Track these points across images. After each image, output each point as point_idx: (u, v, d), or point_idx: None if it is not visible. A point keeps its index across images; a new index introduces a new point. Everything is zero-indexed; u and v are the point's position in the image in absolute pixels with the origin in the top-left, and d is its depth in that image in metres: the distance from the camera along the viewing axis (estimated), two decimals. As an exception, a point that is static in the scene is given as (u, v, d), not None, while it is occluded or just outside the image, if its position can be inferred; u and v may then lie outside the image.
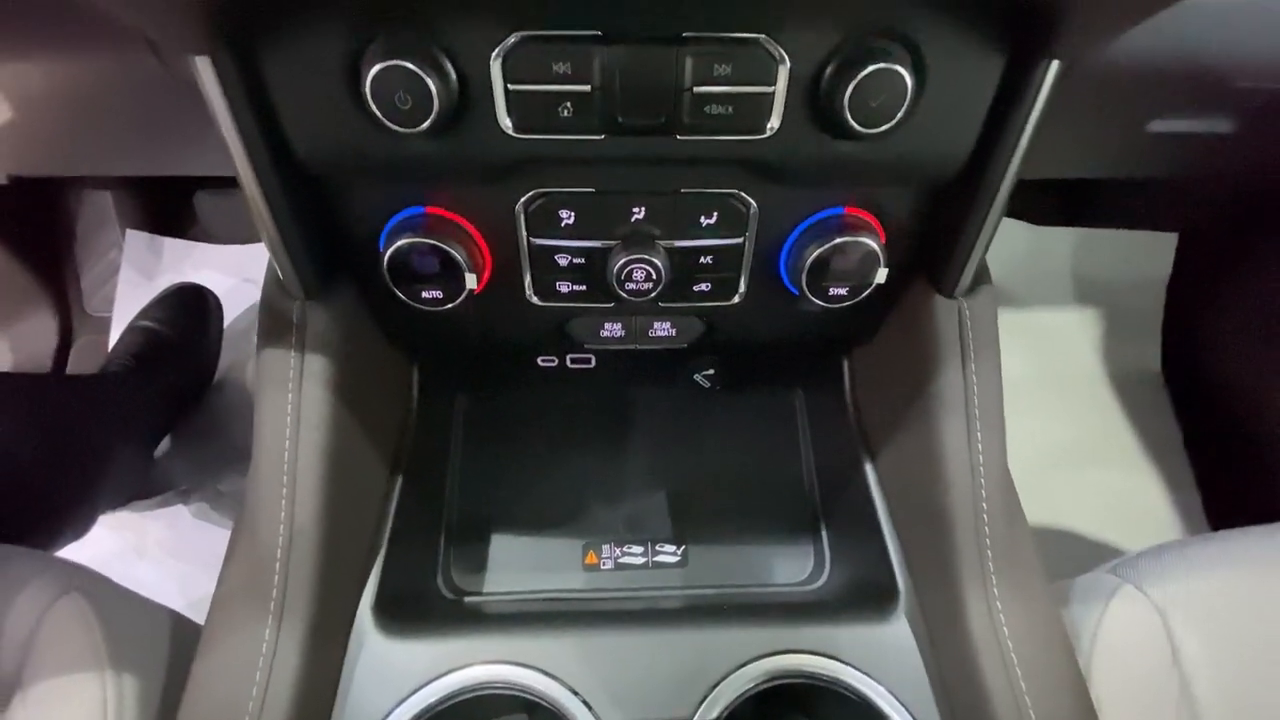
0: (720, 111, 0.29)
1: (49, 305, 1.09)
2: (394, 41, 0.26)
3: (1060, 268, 1.21)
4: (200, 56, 0.26)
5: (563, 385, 0.50)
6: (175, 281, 1.08)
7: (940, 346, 0.37)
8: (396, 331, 0.43)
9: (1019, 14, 0.26)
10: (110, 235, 1.12)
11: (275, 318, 0.36)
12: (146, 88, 0.49)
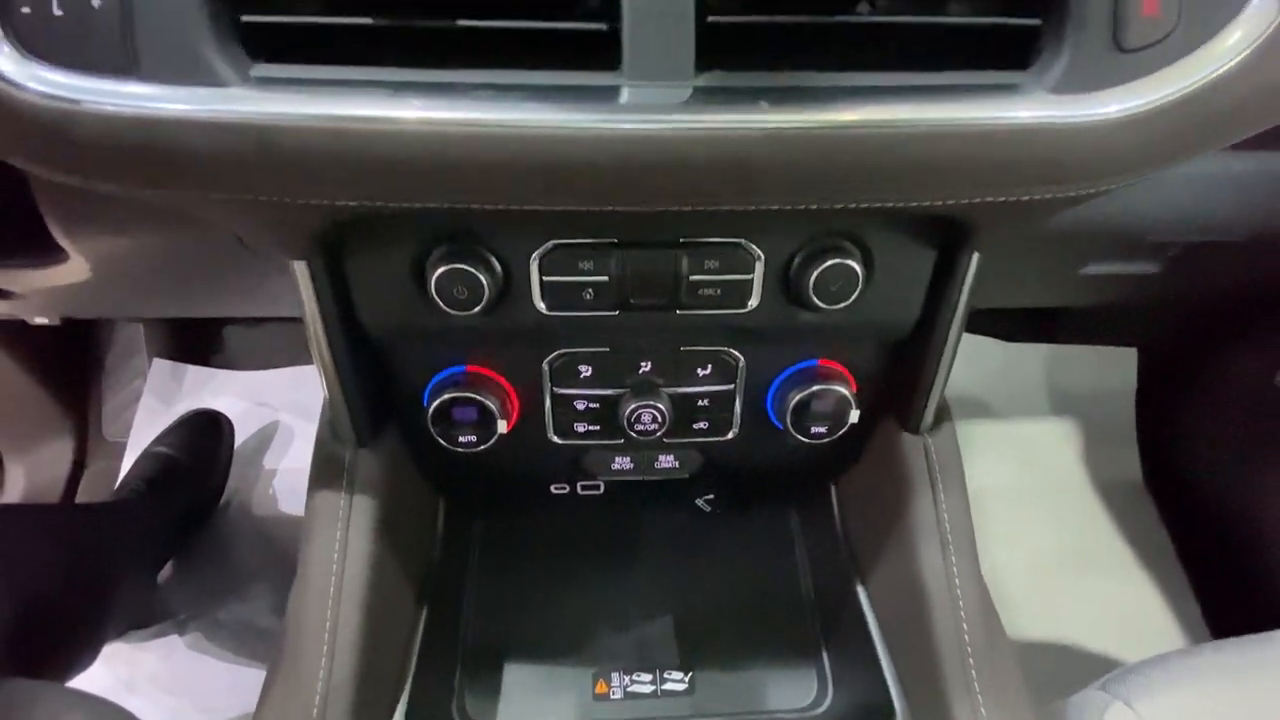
0: (710, 294, 0.36)
1: (68, 431, 1.13)
2: (454, 248, 0.34)
3: (1033, 381, 1.29)
4: (298, 262, 0.33)
5: (573, 511, 0.55)
6: (193, 407, 1.13)
7: (912, 478, 0.42)
8: (429, 469, 0.48)
9: (941, 223, 0.34)
10: (137, 364, 1.19)
11: (328, 462, 0.41)
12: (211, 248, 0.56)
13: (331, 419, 0.40)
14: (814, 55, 0.28)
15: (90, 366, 1.19)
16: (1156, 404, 1.20)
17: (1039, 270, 0.66)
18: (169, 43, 0.25)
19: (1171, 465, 1.17)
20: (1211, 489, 1.09)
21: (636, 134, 0.26)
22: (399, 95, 0.26)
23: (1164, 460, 1.18)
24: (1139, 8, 0.27)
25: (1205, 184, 0.55)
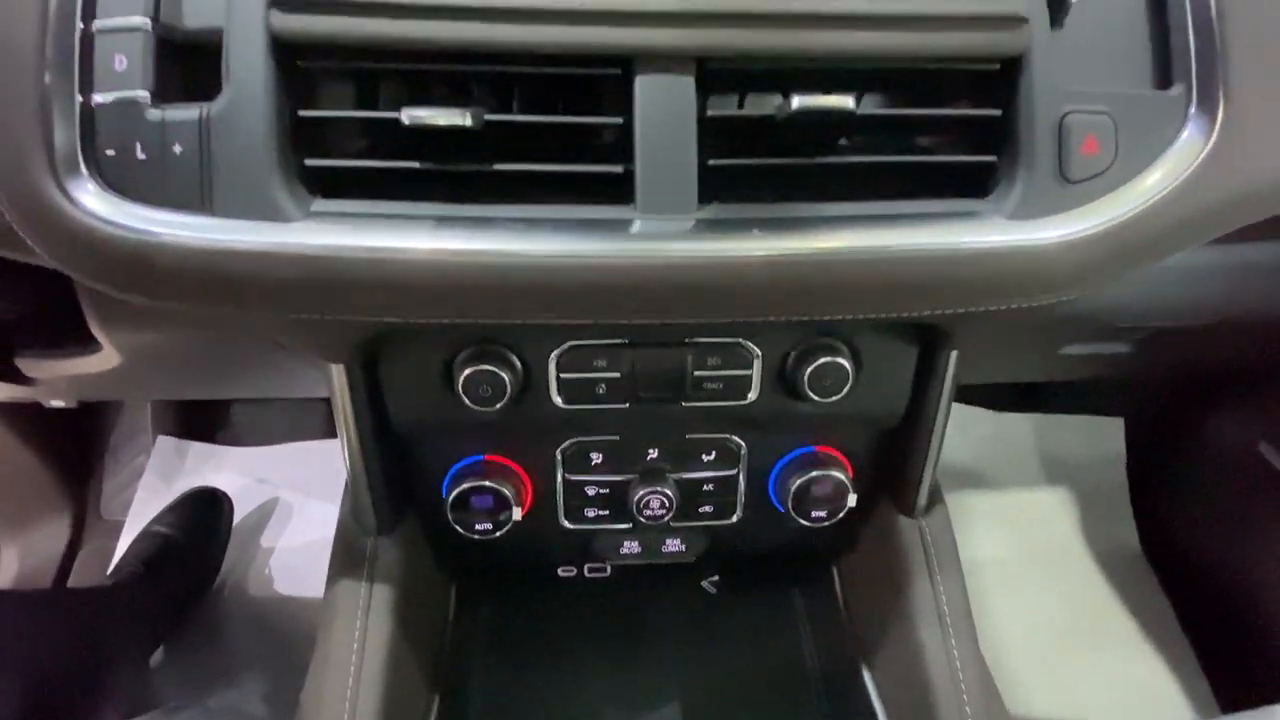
0: (713, 387, 0.39)
1: (66, 511, 1.13)
2: (481, 350, 0.37)
3: (1025, 450, 1.31)
4: (336, 365, 0.36)
5: (580, 594, 0.55)
6: (193, 485, 1.13)
7: (909, 561, 0.44)
8: (443, 555, 0.49)
9: (921, 326, 0.38)
10: (140, 442, 1.20)
11: (350, 549, 0.42)
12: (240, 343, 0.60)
13: (354, 508, 0.42)
14: (800, 187, 0.32)
15: (94, 444, 1.20)
16: (1147, 473, 1.22)
17: (1020, 350, 0.70)
18: (241, 183, 0.29)
19: (1168, 534, 1.18)
20: (1209, 559, 1.10)
21: (649, 261, 0.30)
22: (441, 228, 0.29)
23: (1160, 529, 1.19)
24: (1080, 146, 0.32)
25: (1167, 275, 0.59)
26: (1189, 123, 0.33)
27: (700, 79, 0.30)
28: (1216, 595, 1.07)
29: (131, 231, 0.29)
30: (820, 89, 0.32)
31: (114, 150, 0.29)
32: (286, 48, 0.29)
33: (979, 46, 0.31)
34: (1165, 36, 0.35)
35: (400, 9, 0.28)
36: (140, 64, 0.29)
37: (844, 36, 0.30)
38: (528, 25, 0.28)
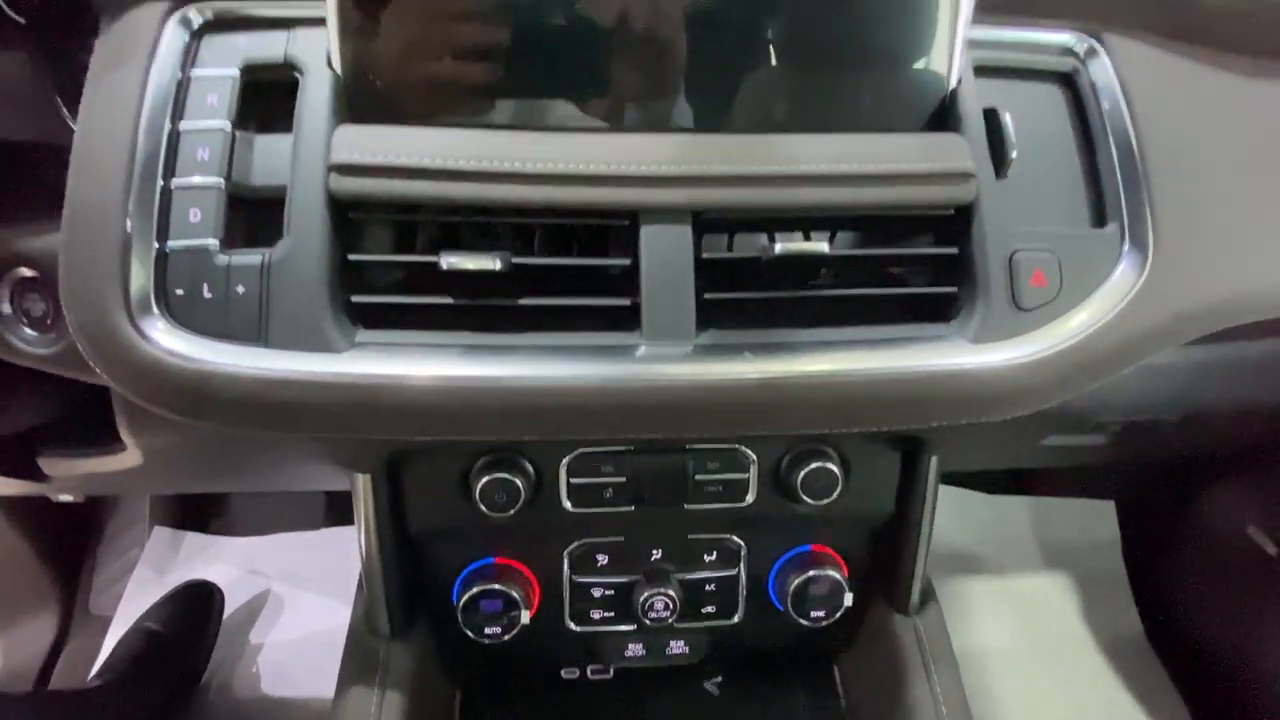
0: (713, 490, 0.42)
1: (54, 606, 1.11)
2: (497, 458, 0.40)
3: (1021, 534, 1.32)
4: (362, 475, 0.39)
5: (584, 696, 0.56)
6: (187, 577, 1.12)
7: (905, 659, 0.45)
8: (451, 662, 0.50)
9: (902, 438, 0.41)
10: (136, 533, 1.19)
11: (362, 653, 0.43)
12: None
13: (368, 612, 0.43)
14: (787, 314, 0.36)
15: (89, 534, 1.19)
16: (1143, 557, 1.23)
17: (1003, 442, 0.73)
18: (295, 319, 0.33)
19: (1170, 620, 1.17)
20: (1211, 644, 1.09)
21: (654, 384, 0.33)
22: (470, 356, 0.33)
23: (1161, 614, 1.18)
24: (1029, 279, 0.37)
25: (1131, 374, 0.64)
26: (1123, 257, 0.38)
27: (695, 226, 0.35)
28: (1221, 681, 1.06)
29: (194, 362, 0.32)
30: (800, 230, 0.37)
31: (183, 290, 0.33)
32: (341, 203, 0.34)
33: (933, 198, 0.36)
34: (1097, 182, 0.40)
35: (440, 173, 0.33)
36: (212, 216, 0.34)
37: (815, 192, 0.35)
38: (552, 187, 0.33)
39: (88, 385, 0.54)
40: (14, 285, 0.40)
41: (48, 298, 0.39)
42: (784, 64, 0.36)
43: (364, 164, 0.33)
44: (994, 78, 0.40)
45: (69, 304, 0.33)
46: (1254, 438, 0.96)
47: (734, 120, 0.36)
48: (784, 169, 0.34)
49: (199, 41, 0.37)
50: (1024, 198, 0.38)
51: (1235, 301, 0.41)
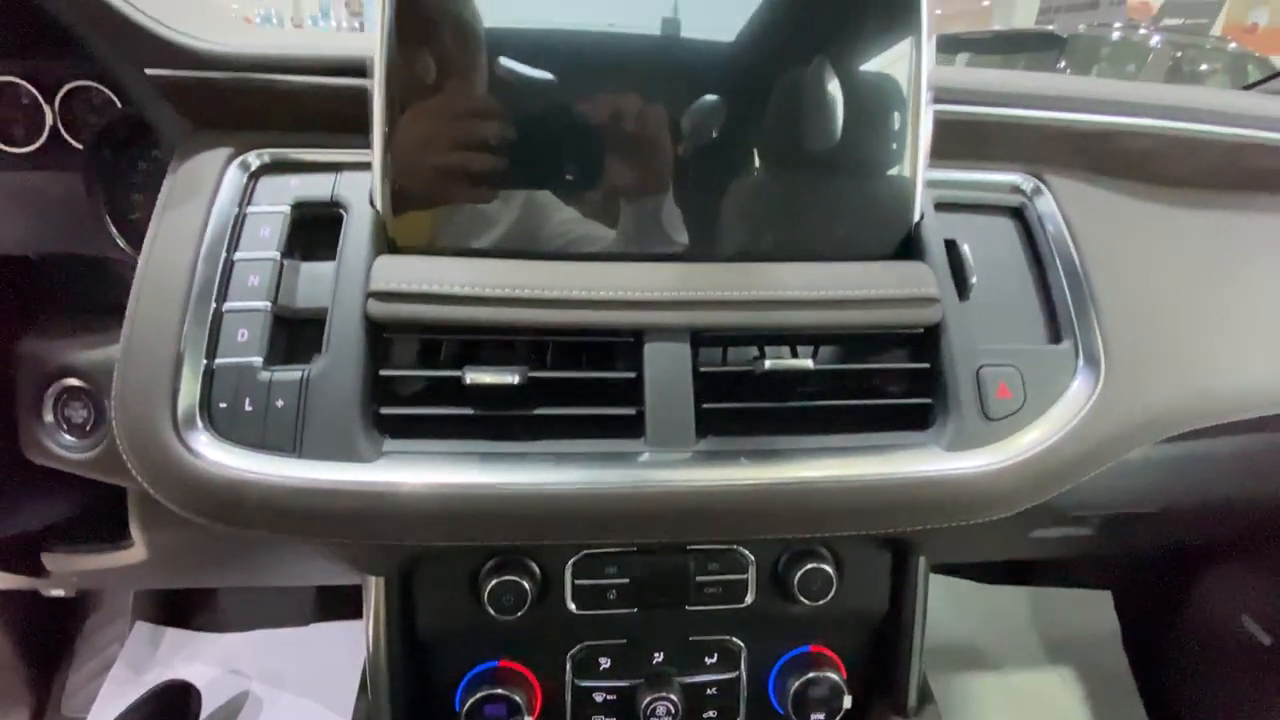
0: (714, 591, 0.44)
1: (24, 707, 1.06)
2: (504, 560, 0.41)
3: (1021, 626, 1.30)
4: (376, 578, 0.40)
5: None
6: (164, 677, 1.08)
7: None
8: None
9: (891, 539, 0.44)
10: (117, 629, 1.15)
11: None
12: None
13: (370, 714, 0.44)
14: (778, 421, 0.40)
15: (68, 630, 1.15)
16: (1142, 648, 1.21)
17: (992, 537, 0.75)
18: (328, 430, 0.36)
19: (1174, 713, 1.14)
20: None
21: (657, 489, 0.36)
22: (489, 464, 0.36)
23: (1166, 707, 1.16)
24: (995, 392, 0.40)
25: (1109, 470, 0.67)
26: (1079, 371, 0.42)
27: (693, 342, 0.39)
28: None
29: (233, 472, 0.35)
30: (788, 345, 0.41)
31: (226, 404, 0.36)
32: (376, 325, 0.37)
33: (904, 319, 0.40)
34: (1050, 302, 0.45)
35: (468, 299, 0.37)
36: (259, 336, 0.37)
37: (799, 315, 0.39)
38: (567, 310, 0.37)
39: (105, 485, 0.56)
40: (58, 394, 0.42)
41: (89, 406, 0.42)
42: (770, 200, 0.41)
43: (400, 291, 0.37)
44: (953, 212, 0.46)
45: (119, 415, 0.36)
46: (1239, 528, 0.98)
47: (726, 249, 0.41)
48: (771, 294, 0.39)
49: (255, 181, 0.42)
50: (986, 317, 0.43)
51: (1182, 409, 0.45)
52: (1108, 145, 0.50)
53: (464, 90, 0.37)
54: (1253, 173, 0.55)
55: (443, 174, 0.39)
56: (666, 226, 0.40)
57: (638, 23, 0.37)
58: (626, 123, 0.38)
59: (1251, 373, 0.48)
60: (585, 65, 0.37)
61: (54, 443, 0.42)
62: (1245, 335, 0.49)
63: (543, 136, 0.38)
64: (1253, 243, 0.54)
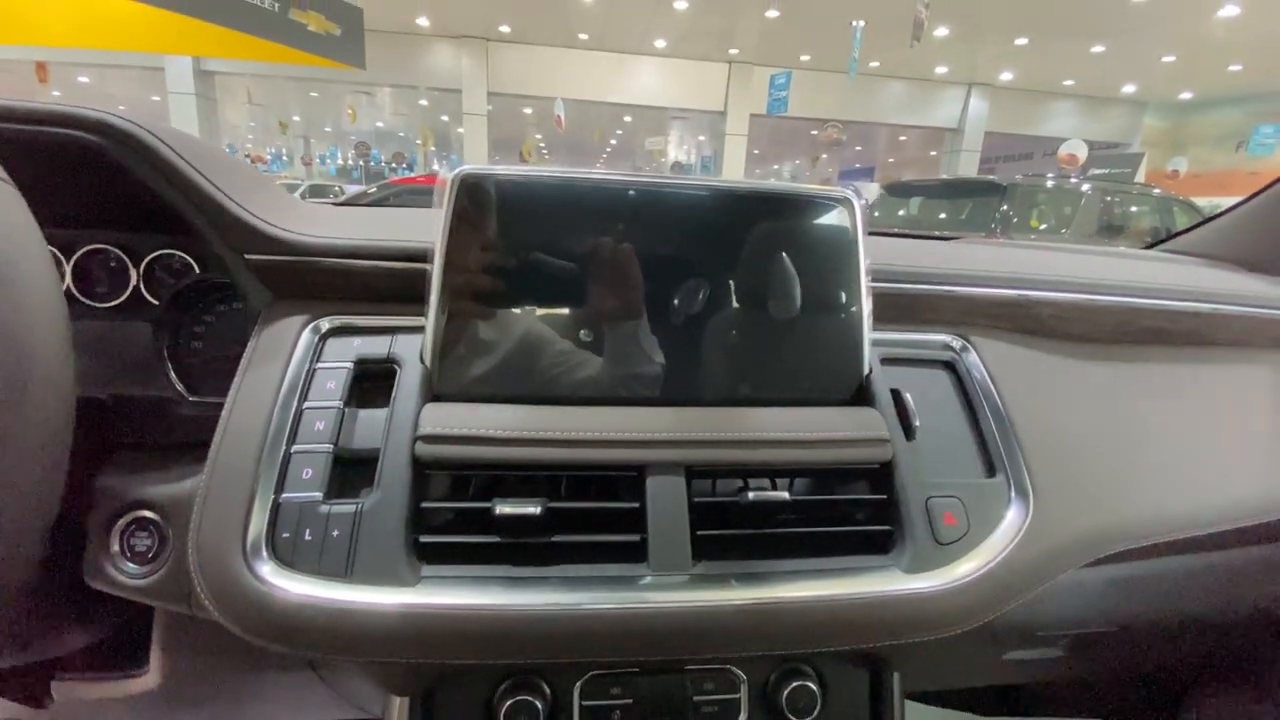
0: (710, 710, 0.48)
1: None
2: (518, 681, 0.46)
3: (1020, 762, 1.27)
4: (401, 698, 0.44)
5: None
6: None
7: None
8: None
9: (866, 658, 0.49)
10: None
11: None
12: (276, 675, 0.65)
13: None
14: (763, 545, 0.46)
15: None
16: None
17: (969, 660, 0.79)
18: (376, 558, 0.42)
19: None
20: None
21: (660, 610, 0.42)
22: (513, 587, 0.42)
23: None
24: (943, 520, 0.48)
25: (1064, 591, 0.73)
26: (1012, 502, 0.50)
27: (687, 476, 0.46)
28: None
29: (293, 596, 0.40)
30: (769, 479, 0.48)
31: (289, 534, 0.42)
32: (422, 464, 0.45)
33: (861, 457, 0.48)
34: (984, 442, 0.54)
35: (500, 441, 0.44)
36: (320, 474, 0.44)
37: (774, 452, 0.47)
38: (581, 449, 0.45)
39: (131, 614, 0.60)
40: (126, 525, 0.48)
41: (154, 536, 0.47)
42: (748, 358, 0.50)
43: (444, 434, 0.44)
44: (897, 365, 0.56)
45: (196, 543, 0.42)
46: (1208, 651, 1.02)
47: (713, 395, 0.49)
48: (752, 435, 0.47)
49: (324, 342, 0.50)
50: (931, 455, 0.51)
51: (1104, 533, 0.53)
52: (1021, 312, 0.61)
53: (502, 277, 0.47)
54: (1146, 331, 0.66)
55: (481, 337, 0.48)
56: (665, 378, 0.49)
57: (643, 238, 0.48)
58: (632, 305, 0.48)
59: (1160, 500, 0.56)
60: (598, 263, 0.48)
61: (116, 569, 0.47)
62: (1152, 469, 0.58)
63: (565, 314, 0.48)
64: (1153, 388, 0.64)
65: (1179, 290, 0.66)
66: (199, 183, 0.49)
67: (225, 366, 0.64)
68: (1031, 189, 5.78)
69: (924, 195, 6.45)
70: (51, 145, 0.47)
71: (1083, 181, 6.33)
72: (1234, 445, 0.62)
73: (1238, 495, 0.59)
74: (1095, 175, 9.54)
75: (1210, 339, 0.68)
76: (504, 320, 0.48)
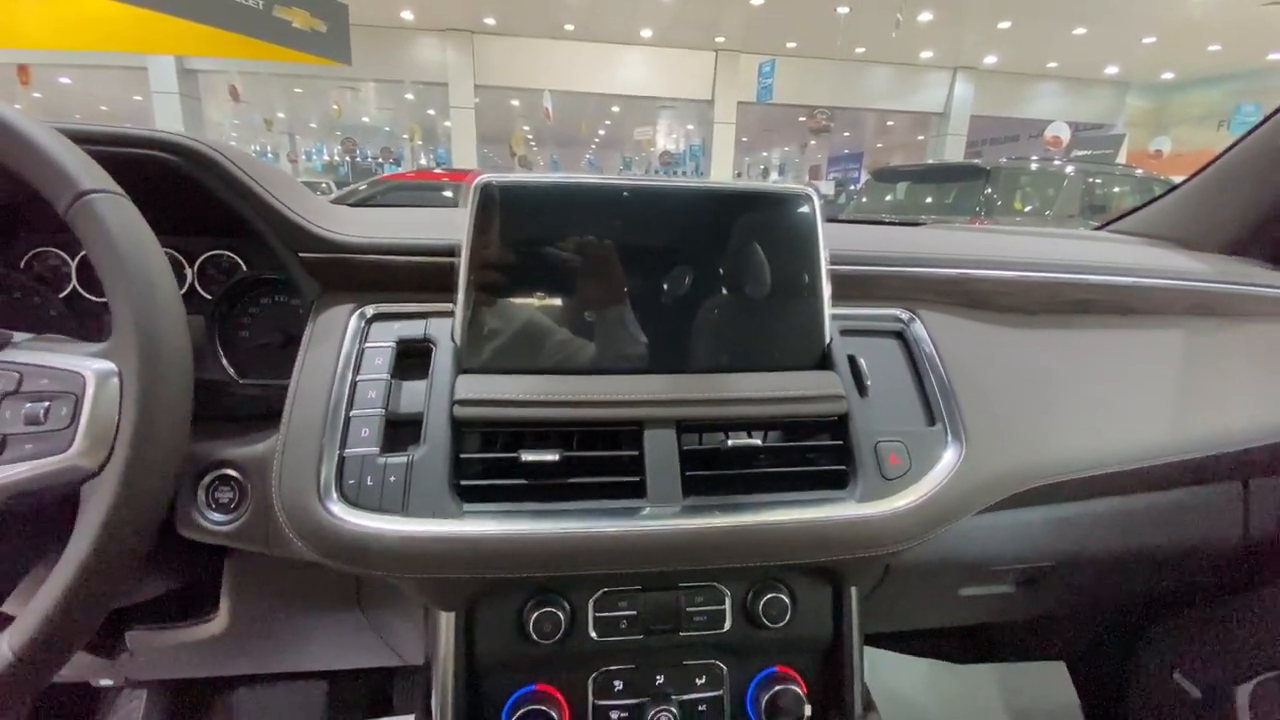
0: (700, 620, 0.58)
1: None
2: (544, 598, 0.56)
3: (991, 703, 1.40)
4: (449, 613, 0.54)
5: None
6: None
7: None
8: None
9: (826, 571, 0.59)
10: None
11: None
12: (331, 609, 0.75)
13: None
14: (741, 484, 0.56)
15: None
16: (1099, 714, 1.31)
17: (926, 595, 0.90)
18: (426, 498, 0.51)
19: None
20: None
21: (656, 533, 0.52)
22: (538, 518, 0.51)
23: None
24: (889, 460, 0.58)
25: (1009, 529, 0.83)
26: (948, 446, 0.60)
27: (678, 429, 0.56)
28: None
29: (360, 528, 0.50)
30: (745, 431, 0.58)
31: (354, 480, 0.52)
32: (459, 421, 0.54)
33: (821, 411, 0.58)
34: (926, 398, 0.64)
35: (522, 404, 0.54)
36: (376, 433, 0.54)
37: (750, 409, 0.57)
38: (590, 409, 0.54)
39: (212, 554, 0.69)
40: (210, 482, 0.57)
41: (235, 490, 0.57)
42: (727, 332, 0.60)
43: (477, 399, 0.54)
44: (854, 336, 0.66)
45: (279, 490, 0.51)
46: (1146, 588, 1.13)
47: (700, 365, 0.59)
48: (731, 395, 0.57)
49: (370, 326, 0.60)
50: (881, 409, 0.61)
51: (1024, 471, 0.63)
52: (961, 287, 0.71)
53: (517, 268, 0.57)
54: (1073, 302, 0.77)
55: (501, 319, 0.57)
56: (659, 350, 0.59)
57: (635, 232, 0.58)
58: (630, 289, 0.58)
59: (1074, 444, 0.67)
60: (601, 256, 0.57)
61: (204, 519, 0.56)
62: (1069, 418, 0.68)
63: (571, 296, 0.57)
64: (1076, 351, 0.74)
65: (1101, 266, 0.76)
66: (260, 193, 0.58)
67: (268, 352, 0.73)
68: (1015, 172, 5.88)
69: (910, 180, 6.52)
70: (135, 164, 0.56)
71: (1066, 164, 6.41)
72: (1144, 398, 0.73)
73: (1142, 440, 0.70)
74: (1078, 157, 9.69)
75: (1131, 308, 0.79)
76: (519, 304, 0.57)
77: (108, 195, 0.44)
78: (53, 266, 0.72)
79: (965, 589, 0.89)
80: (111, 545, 0.40)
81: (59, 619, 0.38)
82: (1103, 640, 1.32)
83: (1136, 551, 0.93)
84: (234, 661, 0.81)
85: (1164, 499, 0.90)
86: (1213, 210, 1.05)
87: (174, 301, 0.45)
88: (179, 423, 0.44)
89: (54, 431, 0.41)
